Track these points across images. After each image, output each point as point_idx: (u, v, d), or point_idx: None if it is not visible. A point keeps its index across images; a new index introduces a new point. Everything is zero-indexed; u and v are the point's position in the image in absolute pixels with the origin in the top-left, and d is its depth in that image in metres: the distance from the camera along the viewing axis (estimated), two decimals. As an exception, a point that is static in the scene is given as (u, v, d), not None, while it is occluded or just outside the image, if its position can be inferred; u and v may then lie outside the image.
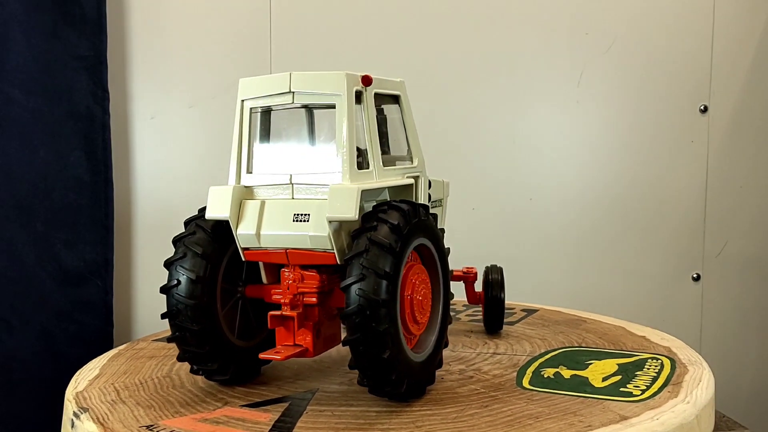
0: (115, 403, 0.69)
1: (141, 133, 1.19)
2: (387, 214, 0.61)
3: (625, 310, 1.13)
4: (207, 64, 1.19)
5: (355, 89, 0.65)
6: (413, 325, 0.63)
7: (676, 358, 0.75)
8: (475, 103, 1.25)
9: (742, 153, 1.29)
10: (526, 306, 1.03)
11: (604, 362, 0.73)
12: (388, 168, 0.70)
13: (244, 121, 0.68)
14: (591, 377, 0.69)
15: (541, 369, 0.72)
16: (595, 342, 0.83)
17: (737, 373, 1.32)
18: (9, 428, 1.06)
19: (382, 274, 0.58)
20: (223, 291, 0.69)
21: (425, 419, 0.61)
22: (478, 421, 0.60)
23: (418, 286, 0.64)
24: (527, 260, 1.24)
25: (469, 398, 0.66)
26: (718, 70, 1.27)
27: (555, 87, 1.26)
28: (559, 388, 0.66)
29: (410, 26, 1.23)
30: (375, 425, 0.60)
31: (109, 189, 1.14)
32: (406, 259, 0.61)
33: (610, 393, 0.65)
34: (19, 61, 1.07)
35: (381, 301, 0.58)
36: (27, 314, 1.07)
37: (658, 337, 0.85)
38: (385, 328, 0.58)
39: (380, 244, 0.59)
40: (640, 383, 0.67)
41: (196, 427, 0.62)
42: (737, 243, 1.30)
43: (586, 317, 0.95)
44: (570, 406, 0.62)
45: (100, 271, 1.13)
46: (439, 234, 0.67)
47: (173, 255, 0.67)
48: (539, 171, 1.27)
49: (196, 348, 0.67)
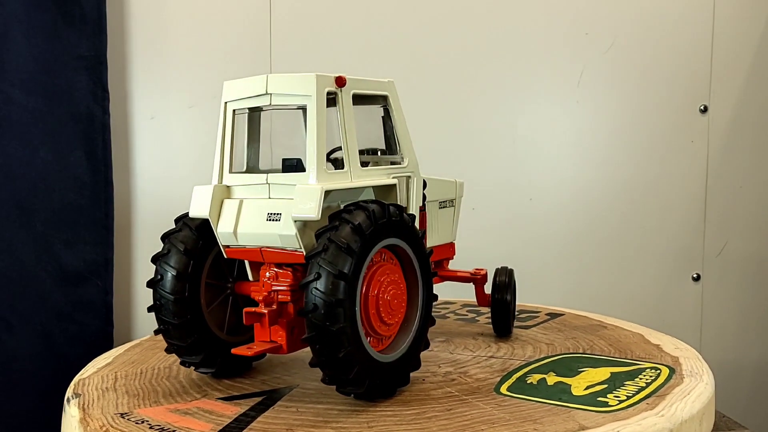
0: (107, 390, 0.72)
1: (141, 133, 1.19)
2: (351, 214, 0.62)
3: (625, 309, 1.13)
4: (207, 64, 1.19)
5: (327, 90, 0.66)
6: (380, 325, 0.64)
7: (678, 369, 0.72)
8: (475, 103, 1.25)
9: (742, 153, 1.29)
10: (552, 310, 1.01)
11: (597, 370, 0.72)
12: (373, 168, 0.71)
13: (227, 122, 0.71)
14: (575, 385, 0.68)
15: (528, 375, 0.71)
16: (602, 349, 0.81)
17: (737, 373, 1.32)
18: (9, 428, 1.06)
19: (339, 274, 0.59)
20: (210, 287, 0.71)
21: (382, 419, 0.62)
22: (432, 424, 0.60)
23: (386, 287, 0.65)
24: (527, 260, 1.23)
25: (438, 401, 0.66)
26: (718, 70, 1.27)
27: (555, 87, 1.26)
28: (535, 394, 0.65)
29: (410, 26, 1.23)
30: (330, 423, 0.61)
31: (109, 189, 1.14)
32: (369, 259, 0.62)
33: (585, 402, 0.63)
34: (19, 61, 1.07)
35: (336, 301, 0.59)
36: (27, 314, 1.07)
37: (672, 346, 0.81)
38: (340, 327, 0.59)
39: (338, 244, 0.60)
40: (622, 393, 0.65)
41: (165, 416, 0.64)
42: (737, 243, 1.30)
43: (609, 323, 0.93)
44: (534, 414, 0.61)
45: (100, 271, 1.13)
46: (416, 234, 0.67)
47: (160, 251, 0.70)
48: (539, 171, 1.27)
49: (179, 341, 0.69)
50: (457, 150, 1.24)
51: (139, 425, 0.62)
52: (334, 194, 0.66)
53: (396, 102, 0.74)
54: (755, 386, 1.33)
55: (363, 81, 0.71)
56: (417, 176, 0.76)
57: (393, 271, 0.66)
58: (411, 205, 0.75)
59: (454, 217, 0.89)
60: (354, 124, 0.69)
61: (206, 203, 0.68)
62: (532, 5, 1.24)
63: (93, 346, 1.10)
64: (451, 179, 0.89)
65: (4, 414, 1.06)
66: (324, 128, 0.65)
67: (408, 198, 0.74)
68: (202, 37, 1.20)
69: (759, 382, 1.33)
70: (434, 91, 1.23)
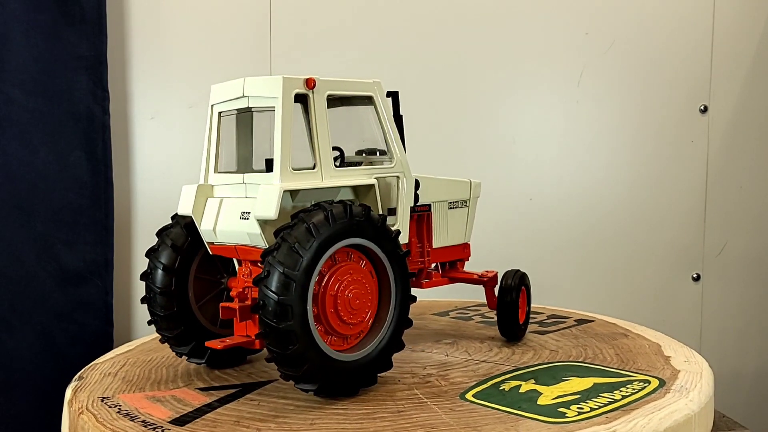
0: (108, 375, 0.77)
1: (141, 133, 1.19)
2: (309, 213, 0.63)
3: (625, 310, 1.13)
4: (207, 64, 1.19)
5: (296, 92, 0.67)
6: (341, 324, 0.65)
7: (670, 383, 0.69)
8: (475, 103, 1.25)
9: (742, 153, 1.29)
10: (583, 316, 0.99)
11: (582, 380, 0.70)
12: (351, 168, 0.72)
13: (213, 124, 0.75)
14: (546, 394, 0.66)
15: (506, 381, 0.70)
16: (606, 358, 0.78)
17: (737, 373, 1.32)
18: (9, 428, 1.06)
19: (288, 273, 0.60)
20: (203, 282, 0.75)
21: (329, 417, 0.62)
22: (373, 424, 0.61)
23: (347, 286, 0.65)
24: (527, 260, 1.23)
25: (397, 402, 0.66)
26: (718, 70, 1.27)
27: (555, 87, 1.26)
28: (497, 401, 0.65)
29: (410, 26, 1.23)
30: (277, 418, 0.63)
31: (109, 189, 1.14)
32: (325, 258, 0.63)
33: (542, 412, 0.62)
34: (19, 61, 1.07)
35: (285, 299, 0.60)
36: (27, 314, 1.07)
37: (682, 358, 0.77)
38: (288, 325, 0.60)
39: (289, 243, 0.61)
40: (589, 405, 0.63)
41: (138, 402, 0.68)
42: (737, 243, 1.30)
43: (635, 332, 0.89)
44: (480, 420, 0.60)
45: (100, 271, 1.13)
46: (386, 235, 0.67)
47: (152, 246, 0.74)
48: (539, 171, 1.27)
49: (167, 332, 0.74)
50: (457, 150, 1.24)
51: (110, 409, 0.66)
52: (305, 194, 0.68)
53: (382, 102, 0.74)
54: (755, 386, 1.33)
55: (341, 82, 0.72)
56: (407, 176, 0.76)
57: (358, 270, 0.67)
58: (400, 205, 0.76)
59: (468, 217, 0.89)
60: (326, 124, 0.70)
61: (190, 201, 0.72)
62: (532, 5, 1.24)
63: (93, 346, 1.10)
64: (465, 179, 0.89)
65: (4, 414, 1.06)
66: (290, 129, 0.67)
67: (398, 198, 0.75)
68: (202, 37, 1.19)
69: (759, 382, 1.33)
70: (434, 91, 1.23)
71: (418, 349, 0.84)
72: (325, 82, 0.69)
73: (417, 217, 0.84)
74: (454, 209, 0.86)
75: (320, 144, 0.69)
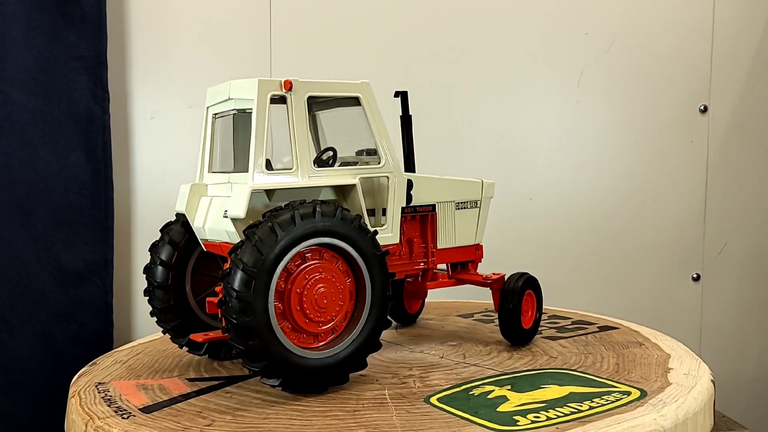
0: (119, 363, 0.83)
1: (141, 133, 1.19)
2: (276, 213, 0.65)
3: (625, 310, 1.13)
4: (207, 64, 1.19)
5: (272, 94, 0.69)
6: (308, 322, 0.67)
7: (650, 396, 0.66)
8: (474, 103, 1.25)
9: (742, 153, 1.29)
10: (608, 322, 0.96)
11: (561, 388, 0.69)
12: (333, 168, 0.74)
13: (207, 125, 0.78)
14: (512, 400, 0.65)
15: (481, 386, 0.70)
16: (603, 366, 0.76)
17: (737, 373, 1.32)
18: (9, 428, 1.06)
19: (248, 270, 0.62)
20: (202, 277, 0.78)
21: (283, 413, 0.64)
22: (321, 422, 0.62)
23: (314, 285, 0.67)
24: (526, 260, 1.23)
25: (359, 402, 0.66)
26: (718, 70, 1.27)
27: (555, 87, 1.26)
28: (458, 406, 0.64)
29: (410, 26, 1.23)
30: (237, 411, 0.65)
31: (109, 189, 1.14)
32: (289, 257, 0.64)
33: (495, 419, 0.61)
34: (19, 61, 1.07)
35: (244, 295, 0.62)
36: (27, 314, 1.07)
37: (683, 372, 0.73)
38: (247, 321, 0.62)
39: (252, 241, 0.63)
40: (548, 414, 0.62)
41: (125, 389, 0.73)
42: (737, 243, 1.30)
43: (650, 341, 0.86)
44: (428, 424, 0.61)
45: (100, 271, 1.13)
46: (361, 235, 0.68)
47: (155, 241, 0.78)
48: (539, 171, 1.27)
49: (164, 324, 0.78)
50: (457, 150, 1.24)
51: (99, 394, 0.71)
52: (283, 194, 0.69)
53: (370, 103, 0.75)
54: (755, 386, 1.33)
55: (323, 83, 0.73)
56: (398, 177, 0.77)
57: (329, 270, 0.68)
58: (390, 206, 0.76)
59: (479, 218, 0.88)
60: (305, 125, 0.71)
61: (184, 200, 0.76)
62: (532, 5, 1.24)
63: (93, 346, 1.10)
64: (476, 179, 0.88)
65: (3, 414, 1.06)
66: (264, 130, 0.68)
67: (387, 198, 0.76)
68: (202, 37, 1.19)
69: (759, 382, 1.33)
70: (434, 91, 1.23)
71: (418, 350, 0.84)
72: (305, 84, 0.71)
73: (420, 218, 0.83)
74: (462, 210, 0.86)
75: (298, 144, 0.70)
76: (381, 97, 1.13)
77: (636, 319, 0.98)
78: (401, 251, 0.82)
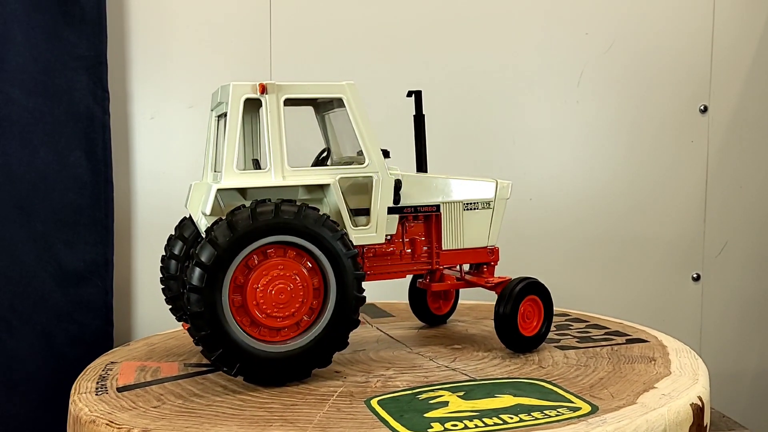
0: (149, 345, 0.90)
1: (141, 133, 1.19)
2: (236, 211, 0.69)
3: (625, 310, 1.13)
4: (207, 64, 1.19)
5: (246, 97, 0.73)
6: (266, 317, 0.69)
7: (594, 415, 0.63)
8: (474, 103, 1.25)
9: (742, 153, 1.29)
10: (644, 334, 0.90)
11: (513, 398, 0.67)
12: (310, 168, 0.77)
13: (211, 126, 0.82)
14: (450, 407, 0.65)
15: (432, 391, 0.69)
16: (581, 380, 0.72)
17: (737, 373, 1.32)
18: (9, 428, 1.06)
19: (201, 264, 0.66)
20: None
21: (227, 402, 0.68)
22: (253, 413, 0.65)
23: (272, 281, 0.69)
24: (526, 260, 1.23)
25: (305, 397, 0.68)
26: (718, 70, 1.27)
27: (555, 87, 1.26)
28: (390, 409, 0.65)
29: (410, 26, 1.23)
30: (191, 397, 0.70)
31: (109, 189, 1.14)
32: (244, 253, 0.68)
33: (412, 425, 0.61)
34: (19, 61, 1.07)
35: (196, 288, 0.66)
36: (27, 314, 1.07)
37: (661, 393, 0.68)
38: (198, 312, 0.66)
39: (208, 236, 0.67)
40: (469, 424, 0.61)
41: (125, 369, 0.80)
42: (737, 243, 1.30)
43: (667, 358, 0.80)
44: (341, 423, 0.62)
45: (100, 271, 1.13)
46: (324, 234, 0.70)
47: (171, 234, 0.85)
48: (539, 171, 1.27)
49: (176, 312, 0.85)
50: (456, 150, 1.24)
51: (102, 372, 0.79)
52: (255, 193, 0.73)
53: (356, 104, 0.76)
54: (755, 386, 1.33)
55: (301, 86, 0.75)
56: (382, 177, 0.77)
57: (291, 267, 0.70)
58: (374, 206, 0.77)
59: (492, 220, 0.87)
60: (280, 126, 0.73)
61: (188, 197, 0.81)
62: (532, 5, 1.24)
63: (93, 346, 1.10)
64: (490, 179, 0.87)
65: (3, 414, 1.06)
66: (236, 132, 0.72)
67: (372, 198, 0.77)
68: (202, 37, 1.19)
69: (759, 382, 1.33)
70: (434, 91, 1.22)
71: (416, 350, 0.84)
72: (281, 87, 0.73)
73: (424, 218, 0.83)
74: (471, 211, 0.85)
75: (271, 145, 0.73)
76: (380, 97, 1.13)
77: (636, 320, 0.98)
78: (402, 251, 0.82)
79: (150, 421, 0.64)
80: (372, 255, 0.81)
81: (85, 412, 0.67)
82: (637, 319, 0.98)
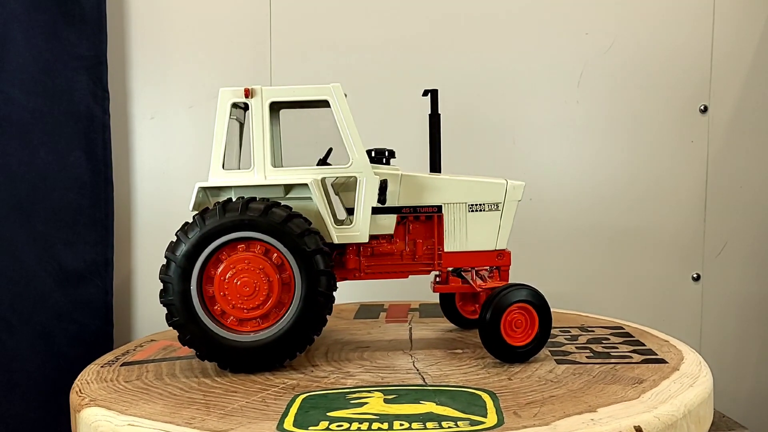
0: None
1: (141, 133, 1.19)
2: (208, 209, 0.74)
3: (625, 310, 1.13)
4: (207, 64, 1.19)
5: (234, 101, 0.78)
6: (231, 307, 0.74)
7: (494, 429, 0.59)
8: (474, 103, 1.24)
9: (742, 153, 1.29)
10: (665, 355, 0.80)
11: (433, 407, 0.65)
12: (293, 168, 0.79)
13: None
14: (364, 408, 0.65)
15: (360, 391, 0.69)
16: (530, 397, 0.67)
17: (737, 373, 1.32)
18: (9, 428, 1.06)
19: (171, 257, 0.73)
20: None
21: (182, 381, 0.74)
22: (192, 395, 0.70)
23: (238, 274, 0.74)
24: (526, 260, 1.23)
25: (248, 389, 0.71)
26: (718, 70, 1.27)
27: (555, 87, 1.26)
28: (304, 405, 0.65)
29: (410, 26, 1.23)
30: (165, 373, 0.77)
31: (109, 189, 1.14)
32: (211, 246, 0.73)
33: (303, 421, 0.62)
34: (19, 61, 1.07)
35: (167, 278, 0.73)
36: (27, 314, 1.07)
37: (586, 419, 0.61)
38: (169, 300, 0.73)
39: (180, 231, 0.74)
40: (360, 427, 0.61)
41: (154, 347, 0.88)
42: (737, 243, 1.30)
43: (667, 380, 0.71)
44: (246, 413, 0.64)
45: (100, 271, 1.13)
46: (288, 231, 0.73)
47: None
48: (539, 171, 1.26)
49: None
50: (456, 150, 1.24)
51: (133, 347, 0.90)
52: (239, 192, 0.77)
53: (339, 104, 0.78)
54: (755, 386, 1.33)
55: (287, 89, 0.78)
56: (366, 176, 0.78)
57: (256, 261, 0.74)
58: (357, 205, 0.79)
59: (501, 222, 0.83)
60: (265, 128, 0.78)
61: None
62: (532, 5, 1.24)
63: (93, 346, 1.10)
64: (499, 180, 0.84)
65: (4, 414, 1.06)
66: (223, 134, 0.77)
67: (356, 198, 0.79)
68: (202, 37, 1.19)
69: (759, 382, 1.33)
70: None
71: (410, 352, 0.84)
72: (267, 91, 0.78)
73: (426, 218, 0.83)
74: (477, 212, 0.83)
75: (256, 146, 0.78)
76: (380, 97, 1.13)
77: (636, 320, 0.98)
78: (404, 252, 0.82)
79: (107, 393, 0.71)
80: (370, 254, 0.81)
81: (77, 380, 0.76)
82: (637, 319, 0.98)
